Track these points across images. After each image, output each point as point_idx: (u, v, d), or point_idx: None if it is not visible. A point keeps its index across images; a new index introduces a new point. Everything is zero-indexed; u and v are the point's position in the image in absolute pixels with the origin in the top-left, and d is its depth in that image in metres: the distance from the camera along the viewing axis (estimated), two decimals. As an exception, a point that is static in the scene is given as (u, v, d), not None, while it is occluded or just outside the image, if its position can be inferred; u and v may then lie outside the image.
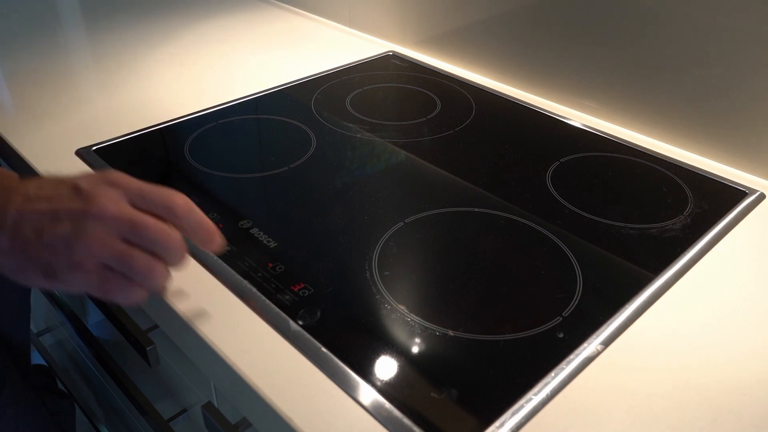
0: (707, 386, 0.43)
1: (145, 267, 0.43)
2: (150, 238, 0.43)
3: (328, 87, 0.83)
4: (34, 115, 0.74)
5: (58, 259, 0.42)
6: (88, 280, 0.42)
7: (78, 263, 0.42)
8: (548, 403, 0.41)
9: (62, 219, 0.42)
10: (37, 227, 0.42)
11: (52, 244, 0.42)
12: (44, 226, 0.42)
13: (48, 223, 0.42)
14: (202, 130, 0.72)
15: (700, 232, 0.57)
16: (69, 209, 0.42)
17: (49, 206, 0.43)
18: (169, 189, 0.45)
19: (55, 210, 0.42)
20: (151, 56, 0.91)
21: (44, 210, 0.43)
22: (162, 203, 0.44)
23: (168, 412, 0.66)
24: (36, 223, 0.42)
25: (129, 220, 0.43)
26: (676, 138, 0.71)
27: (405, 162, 0.67)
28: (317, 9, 1.09)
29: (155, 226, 0.43)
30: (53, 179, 0.45)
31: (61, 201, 0.43)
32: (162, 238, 0.43)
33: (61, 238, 0.42)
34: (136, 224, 0.43)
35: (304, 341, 0.44)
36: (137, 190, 0.44)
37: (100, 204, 0.42)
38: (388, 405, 0.40)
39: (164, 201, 0.44)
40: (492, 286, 0.50)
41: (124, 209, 0.43)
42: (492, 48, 0.85)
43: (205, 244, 0.46)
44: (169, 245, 0.44)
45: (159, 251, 0.44)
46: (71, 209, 0.42)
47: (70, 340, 0.93)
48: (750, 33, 0.61)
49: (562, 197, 0.61)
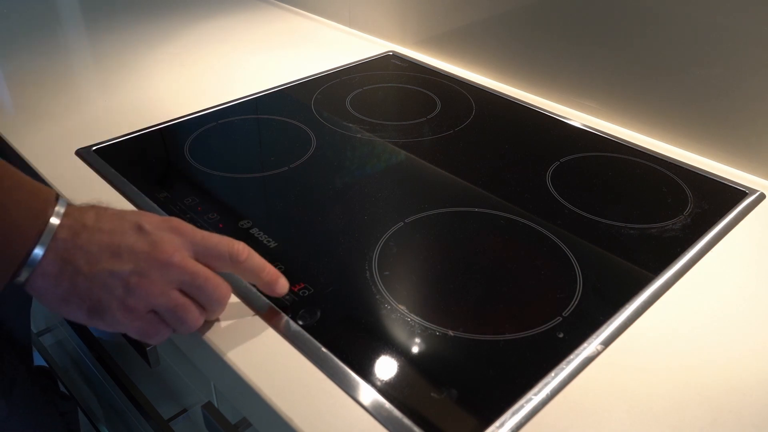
0: (707, 386, 0.43)
1: (193, 321, 0.43)
2: (207, 293, 0.43)
3: (328, 87, 0.83)
4: (34, 115, 0.74)
5: (111, 297, 0.40)
6: (134, 323, 0.41)
7: (132, 306, 0.40)
8: (548, 403, 0.41)
9: (123, 257, 0.40)
10: (92, 260, 0.40)
11: (109, 283, 0.40)
12: (102, 259, 0.40)
13: (107, 258, 0.40)
14: (202, 130, 0.72)
15: (700, 232, 0.57)
16: (132, 248, 0.41)
17: (111, 240, 0.41)
18: (228, 237, 0.45)
19: (117, 246, 0.40)
20: (151, 56, 0.91)
21: (105, 243, 0.40)
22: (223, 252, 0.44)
23: (168, 412, 0.66)
24: (92, 256, 0.40)
25: (192, 272, 0.42)
26: (676, 138, 0.71)
27: (405, 162, 0.67)
28: (317, 9, 1.09)
29: (215, 281, 0.43)
30: (111, 211, 0.43)
31: (123, 237, 0.41)
32: (218, 295, 0.43)
33: (120, 276, 0.40)
34: (197, 277, 0.42)
35: (304, 341, 0.44)
36: (200, 239, 0.44)
37: (166, 250, 0.41)
38: (388, 405, 0.40)
39: (225, 250, 0.44)
40: (492, 286, 0.50)
41: (188, 260, 0.42)
42: (492, 48, 0.85)
43: (271, 287, 0.46)
44: (221, 302, 0.44)
45: (212, 306, 0.44)
46: (134, 249, 0.41)
47: (70, 340, 0.93)
48: (750, 33, 0.61)
49: (562, 197, 0.61)
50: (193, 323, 0.43)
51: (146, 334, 0.42)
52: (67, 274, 0.40)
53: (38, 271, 0.39)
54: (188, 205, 0.58)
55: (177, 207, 0.58)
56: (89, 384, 0.94)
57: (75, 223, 0.41)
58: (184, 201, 0.59)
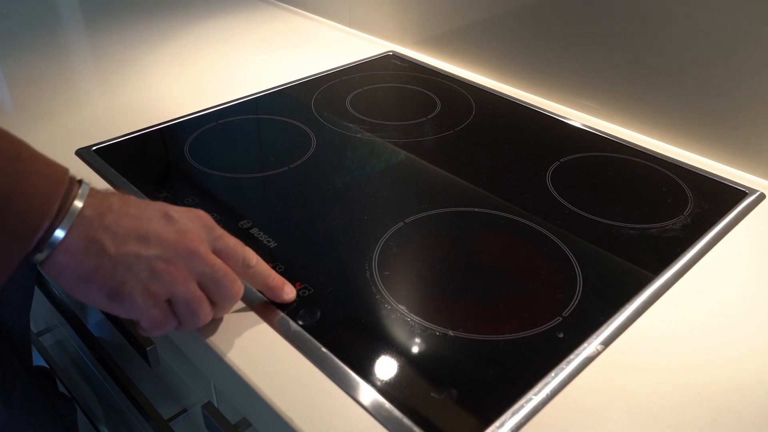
0: (707, 386, 0.43)
1: (204, 316, 0.43)
2: (224, 289, 0.43)
3: (328, 87, 0.83)
4: (34, 115, 0.74)
5: (135, 281, 0.40)
6: (151, 310, 0.41)
7: (154, 292, 0.40)
8: (548, 403, 0.41)
9: (150, 242, 0.40)
10: (119, 241, 0.39)
11: (134, 266, 0.39)
12: (129, 242, 0.40)
13: (133, 241, 0.40)
14: (202, 130, 0.72)
15: (700, 232, 0.57)
16: (159, 234, 0.41)
17: (138, 224, 0.40)
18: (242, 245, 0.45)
19: (146, 230, 0.40)
20: (151, 56, 0.91)
21: (132, 226, 0.40)
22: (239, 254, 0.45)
23: (168, 412, 0.66)
24: (119, 237, 0.40)
25: (214, 265, 0.42)
26: (676, 138, 0.71)
27: (405, 162, 0.67)
28: (317, 9, 1.09)
29: (233, 276, 0.43)
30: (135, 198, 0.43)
31: (150, 223, 0.41)
32: (233, 292, 0.43)
33: (147, 261, 0.40)
34: (218, 271, 0.42)
35: (304, 341, 0.44)
36: (221, 236, 0.44)
37: (193, 240, 0.41)
38: (388, 405, 0.40)
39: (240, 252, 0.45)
40: (492, 286, 0.50)
41: (210, 253, 0.43)
42: (492, 48, 0.85)
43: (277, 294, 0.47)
44: (234, 299, 0.44)
45: (222, 302, 0.44)
46: (161, 235, 0.41)
47: (70, 340, 0.93)
48: (750, 33, 0.61)
49: (562, 197, 0.61)
50: (204, 319, 0.43)
51: (157, 324, 0.42)
52: (93, 252, 0.39)
53: (62, 247, 0.38)
54: (188, 205, 0.58)
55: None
56: (89, 384, 0.94)
57: (101, 203, 0.40)
58: (184, 201, 0.59)
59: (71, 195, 0.39)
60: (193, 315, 0.42)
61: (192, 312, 0.42)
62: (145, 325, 0.42)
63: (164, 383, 0.68)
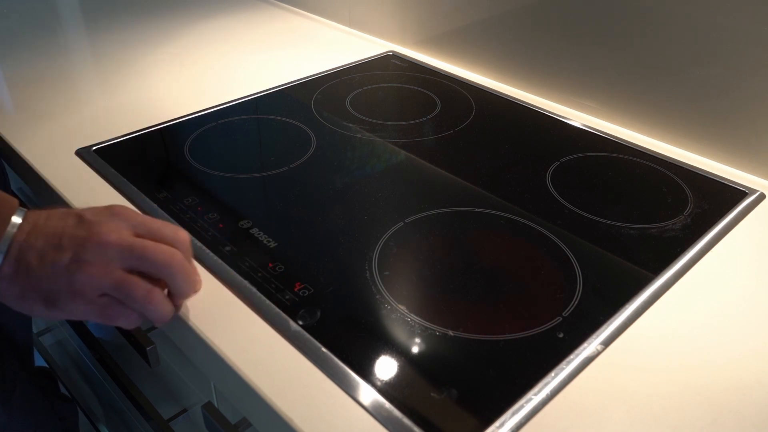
0: (707, 386, 0.43)
1: (144, 294, 0.43)
2: (150, 260, 0.43)
3: (328, 87, 0.83)
4: (34, 115, 0.74)
5: (59, 287, 0.42)
6: (88, 308, 0.43)
7: (78, 291, 0.42)
8: (548, 403, 0.41)
9: (65, 247, 0.42)
10: (40, 254, 0.42)
11: (54, 272, 0.42)
12: (47, 253, 0.42)
13: (51, 251, 0.42)
14: (202, 130, 0.72)
15: (700, 232, 0.57)
16: (71, 237, 0.43)
17: (54, 235, 0.43)
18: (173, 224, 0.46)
19: (59, 237, 0.43)
20: (151, 56, 0.91)
21: (49, 238, 0.43)
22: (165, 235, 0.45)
23: (168, 412, 0.66)
24: (39, 251, 0.42)
25: (129, 245, 0.43)
26: (676, 138, 0.71)
27: (405, 162, 0.67)
28: (317, 9, 1.09)
29: (154, 247, 0.43)
30: (62, 210, 0.45)
31: (64, 229, 0.43)
32: (162, 257, 0.43)
33: (62, 265, 0.42)
34: (135, 247, 0.43)
35: (304, 341, 0.44)
36: (141, 221, 0.45)
37: (102, 232, 0.43)
38: (388, 405, 0.40)
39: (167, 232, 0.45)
40: (492, 286, 0.50)
41: (125, 237, 0.43)
42: (492, 48, 0.85)
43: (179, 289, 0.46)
44: (171, 262, 0.44)
45: (163, 273, 0.44)
46: (73, 237, 0.43)
47: (70, 340, 0.93)
48: (750, 33, 0.61)
49: (562, 197, 0.61)
50: (146, 298, 0.43)
51: (108, 317, 0.43)
52: (22, 272, 0.42)
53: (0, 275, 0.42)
54: (188, 205, 0.58)
55: (177, 207, 0.58)
56: (89, 384, 0.94)
57: (28, 225, 0.43)
58: (184, 201, 0.59)
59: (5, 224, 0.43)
60: (131, 298, 0.43)
61: (128, 295, 0.42)
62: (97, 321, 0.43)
63: (164, 383, 0.68)
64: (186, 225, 0.55)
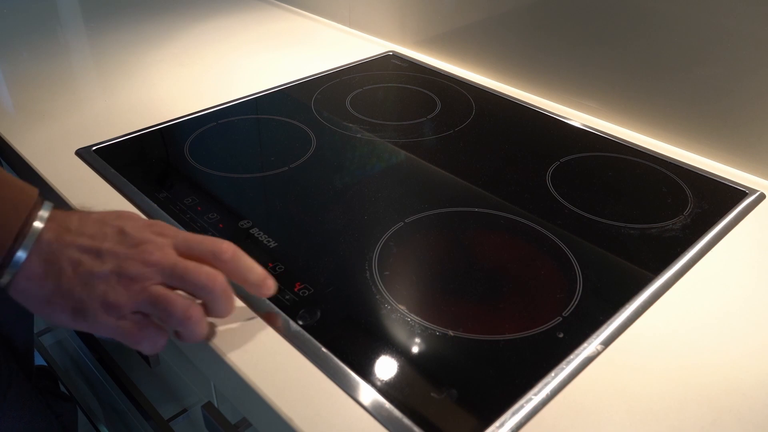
0: (707, 386, 0.43)
1: (183, 311, 0.41)
2: (192, 280, 0.41)
3: (328, 87, 0.83)
4: (34, 115, 0.74)
5: (92, 298, 0.40)
6: (117, 324, 0.41)
7: (113, 305, 0.40)
8: (548, 403, 0.41)
9: (105, 259, 0.41)
10: (75, 261, 0.40)
11: (89, 282, 0.40)
12: (83, 261, 0.40)
13: (88, 260, 0.41)
14: (202, 130, 0.72)
15: (700, 232, 0.57)
16: (114, 251, 0.41)
17: (93, 243, 0.41)
18: (214, 237, 0.44)
19: (99, 249, 0.41)
20: (151, 56, 0.91)
21: (87, 246, 0.41)
22: (207, 249, 0.43)
23: (168, 412, 0.66)
24: (75, 258, 0.41)
25: (171, 263, 0.41)
26: (676, 138, 0.71)
27: (405, 162, 0.67)
28: (317, 9, 1.09)
29: (196, 267, 0.42)
30: (95, 216, 0.44)
31: (105, 240, 0.42)
32: (203, 280, 0.42)
33: (101, 276, 0.40)
34: (177, 267, 0.41)
35: (304, 341, 0.44)
36: (183, 239, 0.44)
37: (146, 250, 0.42)
38: (388, 405, 0.40)
39: (209, 247, 0.43)
40: (492, 286, 0.50)
41: (169, 256, 0.42)
42: (492, 48, 0.85)
43: (256, 290, 0.45)
44: (213, 287, 0.42)
45: (203, 295, 0.42)
46: (116, 251, 0.41)
47: (70, 340, 0.93)
48: (750, 33, 0.61)
49: (562, 197, 0.61)
50: (185, 316, 0.41)
51: (132, 336, 0.41)
52: (52, 275, 0.40)
53: (22, 272, 0.40)
54: (188, 205, 0.58)
55: (177, 207, 0.58)
56: (89, 384, 0.94)
57: (59, 226, 0.41)
58: (183, 201, 0.59)
59: (32, 219, 0.41)
60: (168, 314, 0.41)
61: (163, 311, 0.41)
62: (122, 340, 0.41)
63: (164, 383, 0.68)
64: (186, 225, 0.55)
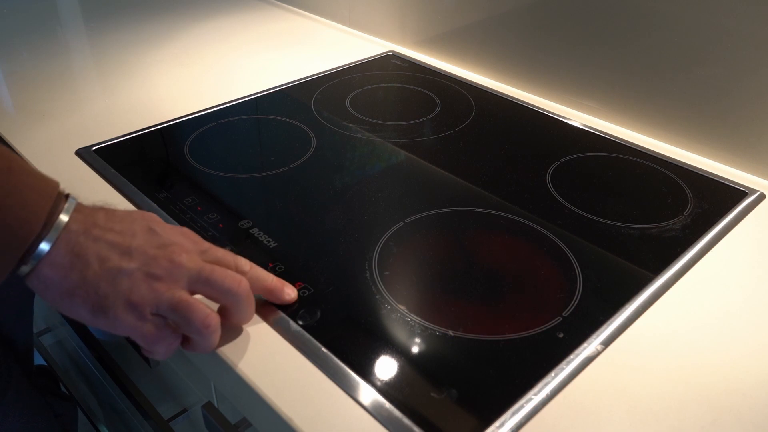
0: (707, 387, 0.43)
1: (203, 319, 0.41)
2: (218, 284, 0.42)
3: (328, 87, 0.83)
4: (34, 115, 0.74)
5: (117, 294, 0.40)
6: (137, 323, 0.40)
7: (136, 304, 0.40)
8: (548, 403, 0.41)
9: (134, 256, 0.41)
10: (103, 256, 0.40)
11: (117, 278, 0.40)
12: (111, 257, 0.40)
13: (116, 256, 0.40)
14: (202, 130, 0.72)
15: (700, 232, 0.57)
16: (142, 249, 0.41)
17: (122, 240, 0.41)
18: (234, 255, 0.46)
19: (129, 246, 0.41)
20: (151, 56, 0.91)
21: (116, 242, 0.41)
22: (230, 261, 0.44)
23: (168, 412, 0.66)
24: (104, 253, 0.40)
25: (198, 268, 0.42)
26: (676, 138, 0.71)
27: (405, 162, 0.67)
28: (317, 9, 1.09)
29: (223, 272, 0.42)
30: (123, 213, 0.44)
31: (134, 238, 0.42)
32: (229, 283, 0.42)
33: (128, 273, 0.40)
34: (203, 270, 0.42)
35: (304, 341, 0.44)
36: (207, 247, 0.45)
37: (175, 251, 0.42)
38: (388, 405, 0.40)
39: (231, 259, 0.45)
40: (492, 286, 0.50)
41: (196, 259, 0.42)
42: (492, 48, 0.85)
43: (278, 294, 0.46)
44: (238, 291, 0.42)
45: (227, 299, 0.43)
46: (144, 250, 0.41)
47: (70, 340, 0.93)
48: (750, 33, 0.61)
49: (562, 197, 0.61)
50: (201, 321, 0.41)
51: (150, 338, 0.41)
52: (77, 267, 0.40)
53: (47, 260, 0.39)
54: (188, 205, 0.58)
55: (177, 207, 0.58)
56: (89, 384, 0.94)
57: (86, 219, 0.41)
58: (183, 201, 0.59)
59: (58, 209, 0.40)
60: (187, 320, 0.41)
61: (183, 317, 0.41)
62: (139, 341, 0.41)
63: (164, 383, 0.68)
64: (186, 225, 0.55)
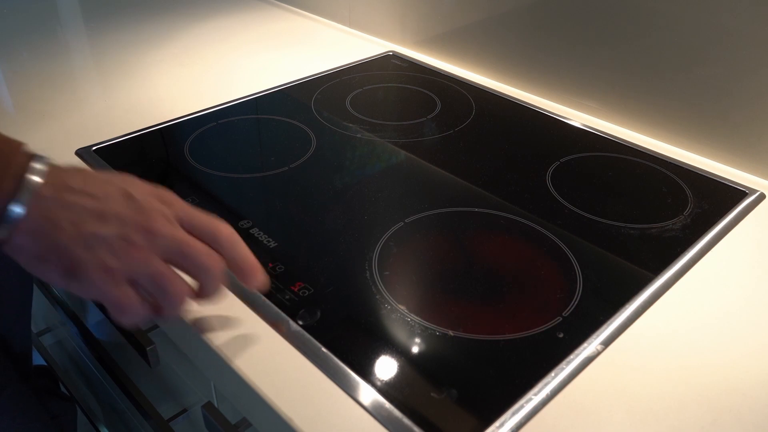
0: (707, 386, 0.43)
1: (177, 292, 0.41)
2: (194, 260, 0.41)
3: (328, 87, 0.83)
4: (34, 115, 0.74)
5: (89, 259, 0.39)
6: (109, 288, 0.40)
7: (110, 270, 0.39)
8: (548, 403, 0.41)
9: (109, 221, 0.40)
10: (77, 220, 0.39)
11: (90, 242, 0.39)
12: (85, 221, 0.39)
13: (91, 220, 0.39)
14: (202, 130, 0.72)
15: (700, 232, 0.57)
16: (119, 214, 0.40)
17: (97, 205, 0.40)
18: (216, 218, 0.44)
19: (104, 209, 0.40)
20: (151, 56, 0.91)
21: (90, 207, 0.40)
22: (208, 230, 0.43)
23: (168, 412, 0.66)
24: (77, 217, 0.39)
25: (178, 239, 0.41)
26: (676, 138, 0.71)
27: (405, 162, 0.67)
28: (317, 9, 1.09)
29: (203, 249, 0.42)
30: (100, 176, 0.42)
31: (110, 203, 0.41)
32: (206, 263, 0.41)
33: (103, 238, 0.39)
34: (182, 244, 0.41)
35: (304, 341, 0.44)
36: (186, 213, 0.43)
37: (153, 218, 0.41)
38: (388, 405, 0.40)
39: (210, 228, 0.43)
40: (492, 286, 0.50)
41: (176, 231, 0.41)
42: (492, 48, 0.85)
43: (247, 280, 0.44)
44: (212, 271, 0.42)
45: (200, 275, 0.42)
46: (121, 215, 0.40)
47: (70, 340, 0.93)
48: (750, 33, 0.61)
49: (562, 197, 0.61)
50: (177, 294, 0.41)
51: (120, 305, 0.40)
52: (48, 231, 0.39)
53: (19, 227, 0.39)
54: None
55: (177, 207, 0.58)
56: (89, 384, 0.94)
57: (60, 182, 0.40)
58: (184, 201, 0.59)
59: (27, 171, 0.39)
60: (163, 291, 0.40)
61: (160, 288, 0.40)
62: (109, 306, 0.41)
63: (164, 383, 0.68)
64: (186, 225, 0.55)
